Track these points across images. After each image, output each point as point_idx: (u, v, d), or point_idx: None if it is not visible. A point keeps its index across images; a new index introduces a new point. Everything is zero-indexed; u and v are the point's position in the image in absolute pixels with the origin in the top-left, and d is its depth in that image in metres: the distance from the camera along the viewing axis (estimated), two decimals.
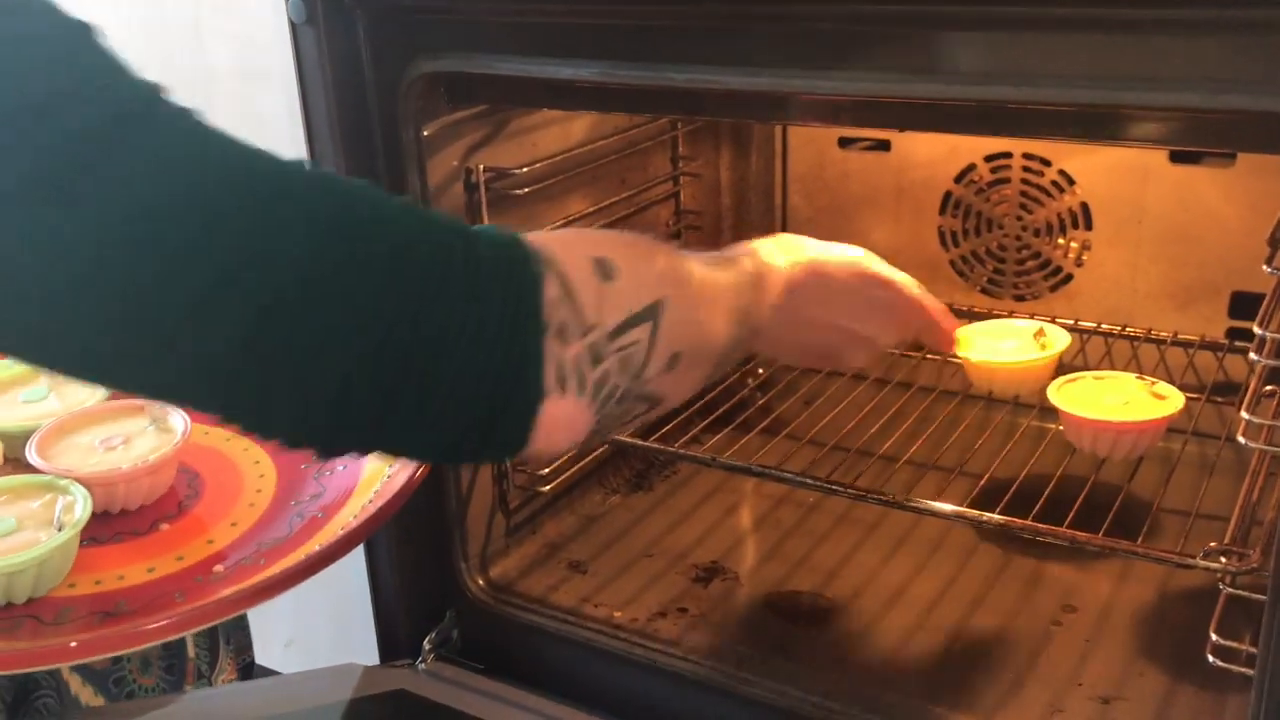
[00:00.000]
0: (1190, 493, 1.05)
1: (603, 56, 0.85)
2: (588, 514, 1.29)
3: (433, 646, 1.13)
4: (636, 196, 1.33)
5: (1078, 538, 0.93)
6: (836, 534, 1.22)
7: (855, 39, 0.76)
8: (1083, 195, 1.29)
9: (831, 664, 1.03)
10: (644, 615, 1.11)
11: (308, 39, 0.95)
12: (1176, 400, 1.02)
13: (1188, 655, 0.98)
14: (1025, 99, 0.72)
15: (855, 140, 1.40)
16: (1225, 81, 0.66)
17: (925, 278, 1.39)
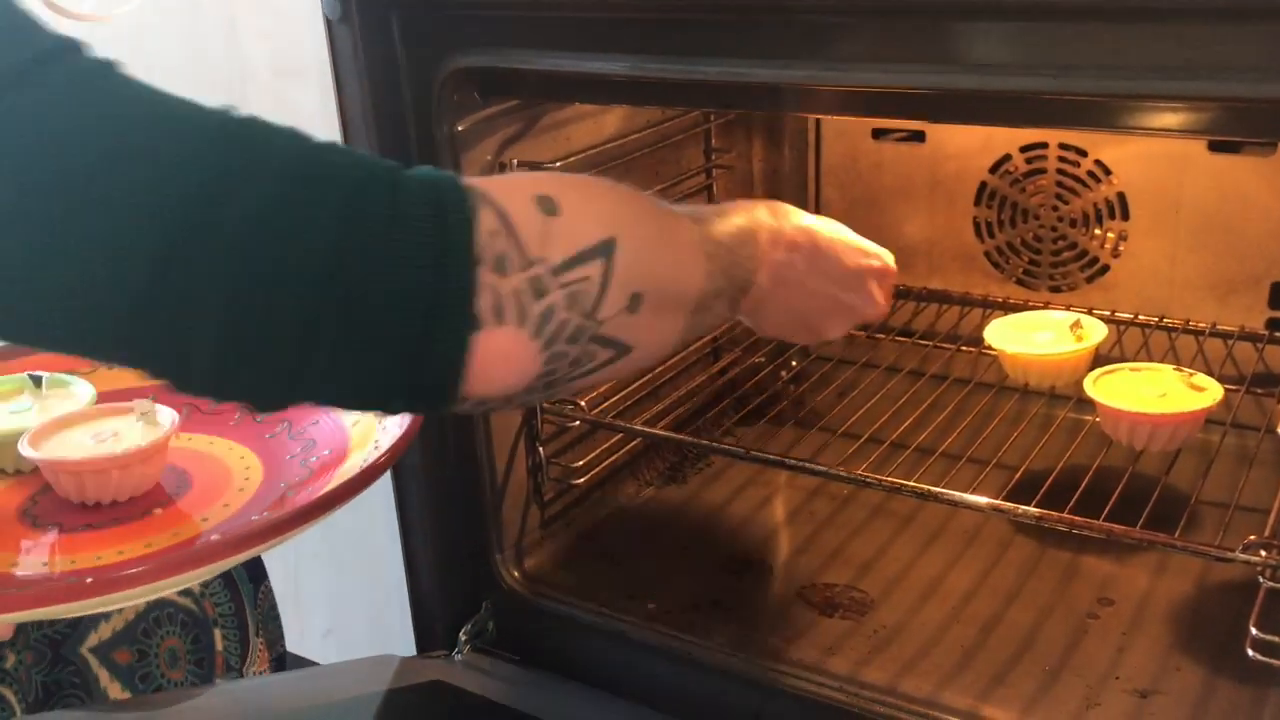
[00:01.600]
0: (1229, 485, 1.04)
1: (634, 50, 0.86)
2: (621, 506, 1.30)
3: (469, 638, 1.14)
4: (670, 189, 1.33)
5: (1115, 531, 0.92)
6: (871, 527, 1.22)
7: (888, 31, 0.76)
8: (1119, 185, 1.27)
9: (866, 656, 1.02)
10: (678, 607, 1.11)
11: (342, 36, 0.96)
12: (1215, 392, 1.01)
13: (1226, 649, 0.98)
14: (1062, 90, 0.72)
15: (889, 131, 1.40)
16: (1267, 70, 0.65)
17: (960, 269, 1.40)
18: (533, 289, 0.58)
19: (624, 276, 0.62)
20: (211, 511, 0.90)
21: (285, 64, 1.07)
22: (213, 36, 1.11)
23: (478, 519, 1.12)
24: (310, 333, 0.54)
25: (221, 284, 0.52)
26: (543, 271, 0.58)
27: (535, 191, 0.60)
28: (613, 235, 0.61)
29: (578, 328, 0.60)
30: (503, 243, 0.57)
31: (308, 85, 1.03)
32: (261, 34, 1.08)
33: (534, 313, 0.58)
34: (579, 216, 0.61)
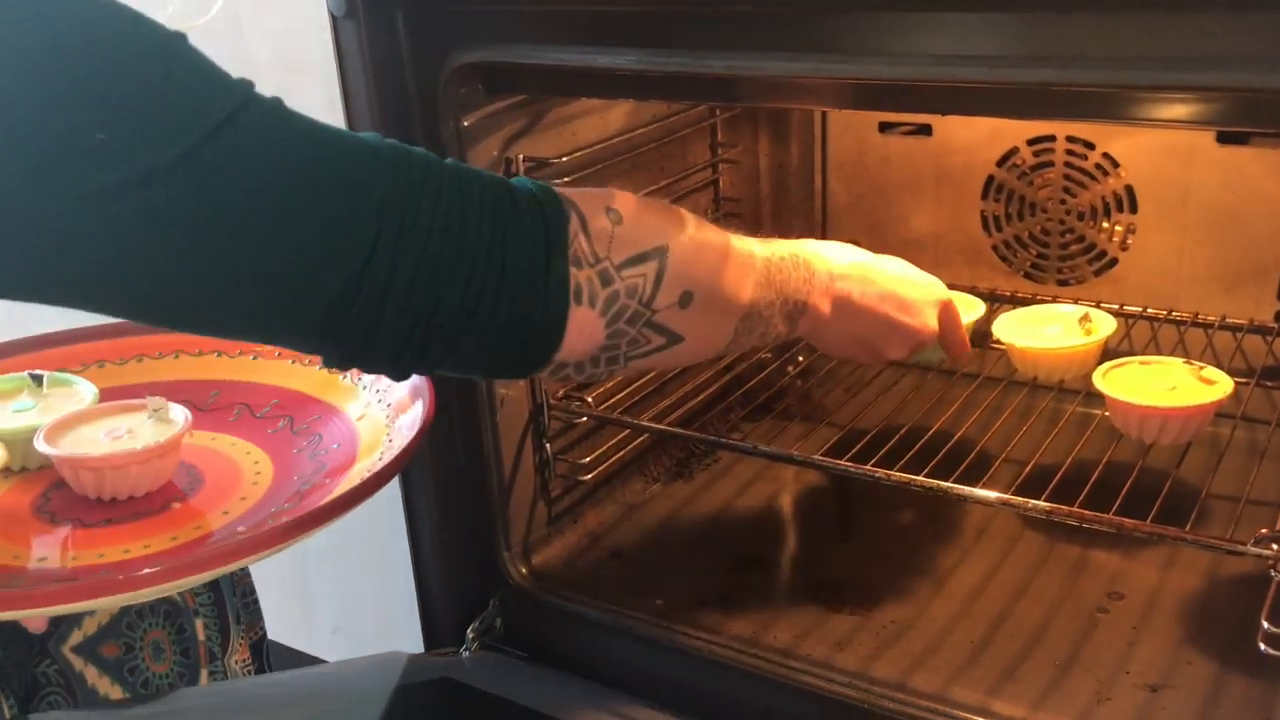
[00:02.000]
0: (1240, 478, 1.03)
1: (640, 44, 0.85)
2: (629, 503, 1.29)
3: (476, 634, 1.14)
4: (676, 184, 1.32)
5: (1125, 524, 0.92)
6: (878, 522, 1.21)
7: (893, 23, 0.75)
8: (1127, 178, 1.27)
9: (875, 652, 1.02)
10: (685, 603, 1.11)
11: (348, 32, 0.96)
12: (1225, 385, 1.01)
13: (1237, 643, 0.97)
14: (1069, 81, 0.71)
15: (896, 125, 1.39)
16: (1276, 60, 0.65)
17: (967, 263, 1.39)
18: (601, 279, 0.72)
19: (675, 276, 0.76)
20: (230, 505, 0.90)
21: (290, 60, 1.07)
22: (219, 32, 1.11)
23: (485, 516, 1.12)
24: (470, 312, 0.68)
25: (411, 275, 0.65)
26: (608, 267, 0.73)
27: (606, 204, 0.74)
28: (665, 243, 0.76)
29: (635, 312, 0.74)
30: (581, 243, 0.72)
31: (313, 82, 1.03)
32: (267, 30, 1.08)
33: (603, 295, 0.73)
34: (638, 226, 0.75)
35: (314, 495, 0.88)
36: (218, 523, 0.87)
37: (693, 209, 1.37)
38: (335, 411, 0.99)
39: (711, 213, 1.41)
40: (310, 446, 0.96)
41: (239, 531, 0.85)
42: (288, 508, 0.87)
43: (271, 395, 1.02)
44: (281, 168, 0.61)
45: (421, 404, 0.91)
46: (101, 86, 0.56)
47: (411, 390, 0.94)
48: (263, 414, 1.01)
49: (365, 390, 0.99)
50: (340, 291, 0.64)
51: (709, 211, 1.41)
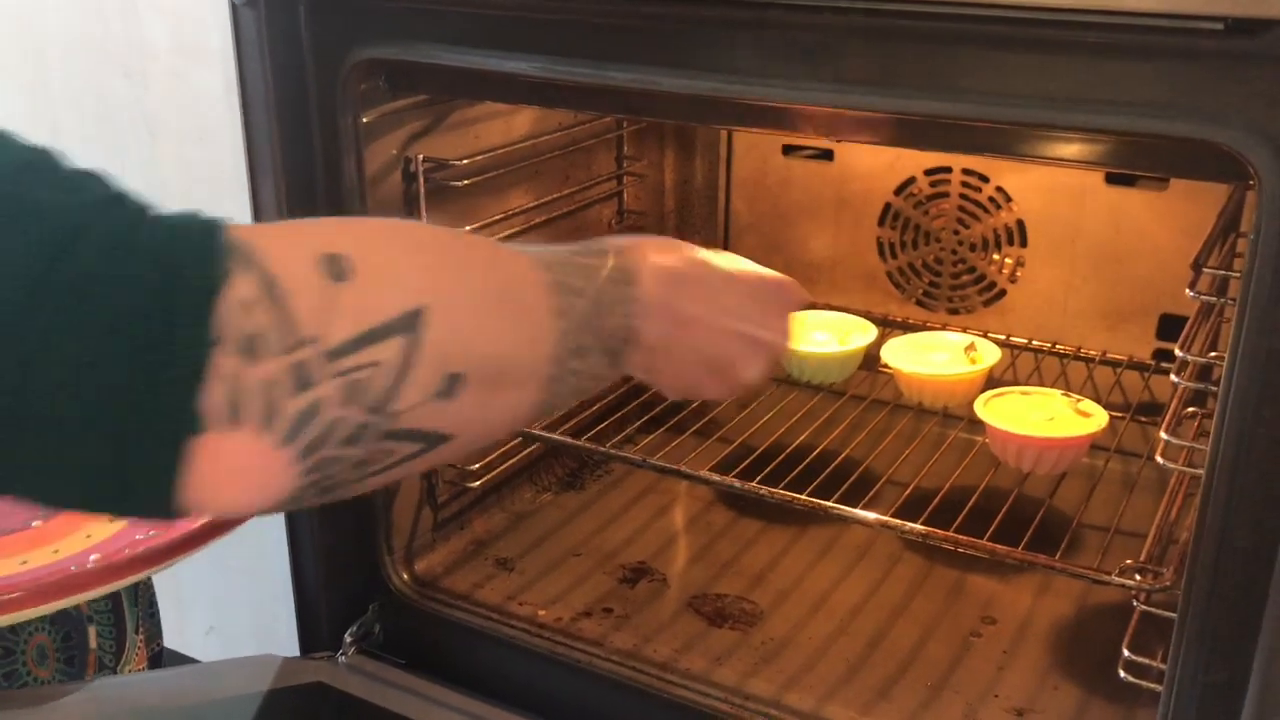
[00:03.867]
0: (1111, 509, 1.06)
1: (545, 51, 0.85)
2: (518, 511, 1.28)
3: (354, 639, 1.12)
4: (579, 194, 1.32)
5: (997, 550, 0.94)
6: (765, 538, 1.23)
7: (792, 48, 0.76)
8: (1019, 212, 1.30)
9: (753, 668, 1.03)
10: (569, 615, 1.10)
11: (247, 20, 0.94)
12: (1100, 418, 1.04)
13: (1102, 670, 1.00)
14: (959, 115, 0.73)
15: (799, 149, 1.41)
16: (1158, 107, 0.67)
17: (863, 288, 1.41)
18: (293, 379, 0.45)
19: (436, 355, 0.50)
20: (95, 527, 0.86)
21: (186, 43, 1.04)
22: (112, 13, 1.08)
23: (367, 519, 1.10)
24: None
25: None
26: (313, 355, 0.46)
27: (324, 250, 0.48)
28: (422, 304, 0.49)
29: (359, 426, 0.48)
30: (260, 317, 0.45)
31: (210, 67, 1.01)
32: (162, 12, 1.05)
33: (288, 412, 0.46)
34: (378, 281, 0.48)
35: (180, 524, 0.85)
36: (76, 546, 0.84)
37: (596, 220, 1.38)
38: None
39: (615, 225, 1.41)
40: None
41: (91, 560, 0.82)
42: (151, 535, 0.84)
43: None
44: None
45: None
46: None
47: None
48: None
49: None
50: None
51: (613, 224, 1.41)
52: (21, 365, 0.41)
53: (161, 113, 1.10)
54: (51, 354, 0.41)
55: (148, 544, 0.82)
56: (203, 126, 1.07)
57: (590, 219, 1.36)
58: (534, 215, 1.24)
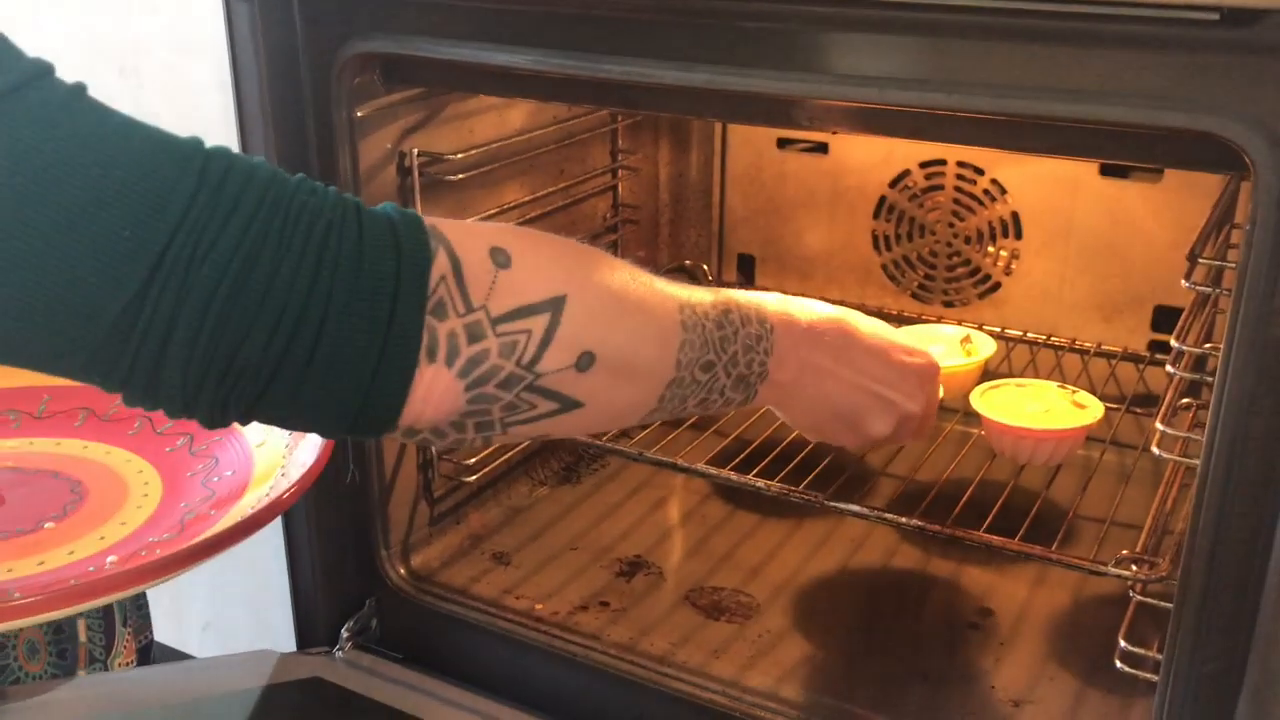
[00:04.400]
0: (1107, 501, 1.07)
1: (539, 44, 0.85)
2: (514, 505, 1.28)
3: (351, 634, 1.12)
4: (574, 188, 1.32)
5: (993, 542, 0.94)
6: (761, 531, 1.23)
7: (786, 38, 0.76)
8: (1014, 205, 1.30)
9: (750, 661, 1.03)
10: (566, 608, 1.10)
11: (241, 14, 0.93)
12: (1096, 410, 1.04)
13: (1098, 660, 1.00)
14: (954, 106, 0.73)
15: (793, 142, 1.41)
16: (1150, 97, 0.67)
17: (857, 281, 1.41)
18: (469, 334, 0.60)
19: (572, 333, 0.62)
20: (108, 529, 0.86)
21: (180, 38, 1.04)
22: (105, 4, 1.08)
23: (364, 514, 1.10)
24: (278, 362, 0.56)
25: (201, 312, 0.54)
26: (482, 318, 0.60)
27: (493, 242, 0.62)
28: (563, 293, 0.62)
29: (510, 375, 0.61)
30: (447, 288, 0.59)
31: (203, 63, 1.00)
32: (156, 6, 1.04)
33: (464, 354, 0.60)
34: (530, 272, 0.62)
35: (195, 527, 0.85)
36: (91, 548, 0.84)
37: (590, 214, 1.38)
38: (236, 435, 0.96)
39: (609, 219, 1.41)
40: (205, 471, 0.92)
41: (109, 563, 0.82)
42: (166, 539, 0.84)
43: None
44: (51, 164, 0.51)
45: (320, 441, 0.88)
46: None
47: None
48: (164, 430, 0.97)
49: None
50: (116, 319, 0.53)
51: (607, 217, 1.41)
52: (319, 324, 0.56)
53: (156, 108, 1.10)
54: (329, 317, 0.56)
55: (164, 547, 0.82)
56: (197, 122, 1.07)
57: (585, 213, 1.36)
58: (529, 209, 1.24)
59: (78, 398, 0.97)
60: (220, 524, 0.83)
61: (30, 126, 0.52)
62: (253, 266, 0.55)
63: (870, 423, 0.82)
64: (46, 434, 0.97)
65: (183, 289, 0.54)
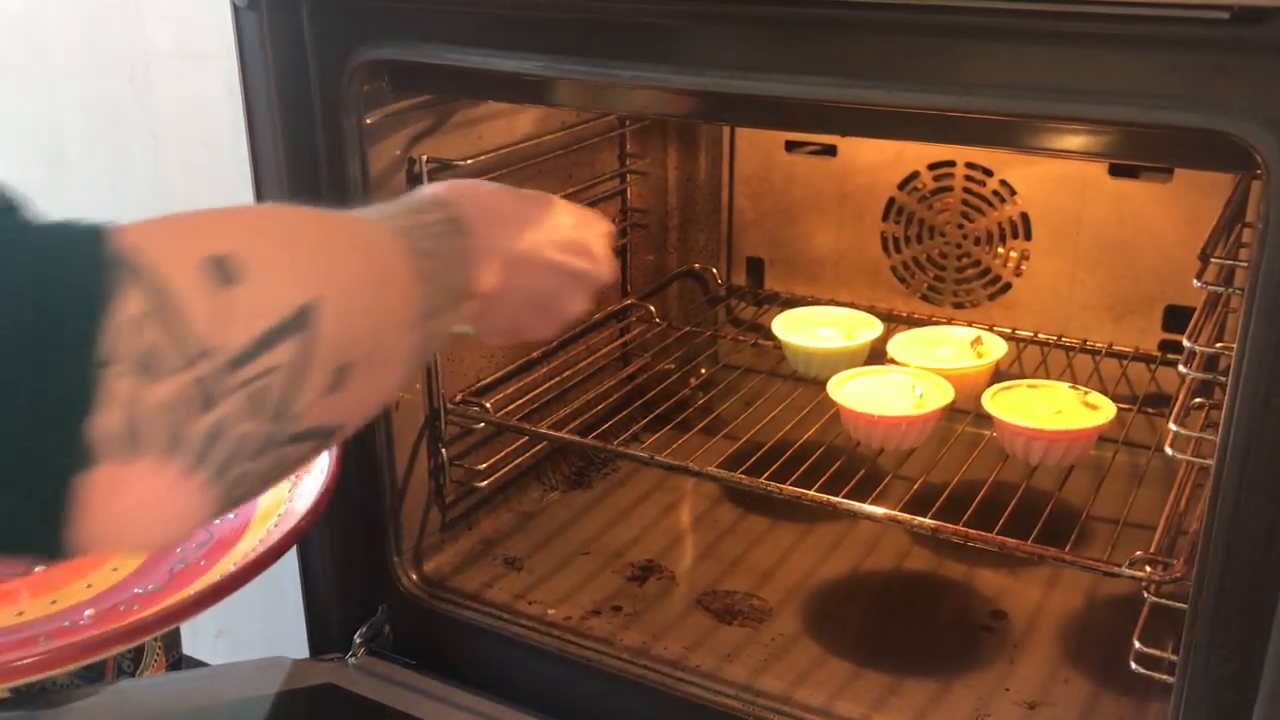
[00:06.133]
0: (1120, 501, 1.06)
1: (547, 50, 0.85)
2: (525, 510, 1.28)
3: (364, 641, 1.12)
4: (583, 193, 1.32)
5: (1007, 544, 0.94)
6: (773, 535, 1.22)
7: (799, 43, 0.76)
8: (1023, 205, 1.30)
9: (763, 664, 1.03)
10: (578, 613, 1.10)
11: (250, 23, 0.94)
12: (1108, 410, 1.04)
13: (1112, 662, 1.00)
14: (965, 108, 0.73)
15: (801, 144, 1.41)
16: (1161, 97, 0.67)
17: (867, 283, 1.41)
18: (196, 398, 0.42)
19: (328, 349, 0.47)
20: (97, 577, 0.85)
21: (190, 47, 1.05)
22: (116, 17, 1.08)
23: (376, 520, 1.10)
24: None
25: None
26: (212, 368, 0.43)
27: (210, 250, 0.44)
28: (311, 298, 0.46)
29: (265, 437, 0.45)
30: (153, 333, 0.41)
31: (213, 70, 1.01)
32: (167, 17, 1.05)
33: (193, 434, 0.42)
34: (267, 279, 0.45)
35: (184, 577, 0.84)
36: (75, 597, 0.82)
37: None
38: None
39: (619, 223, 1.41)
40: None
41: (85, 616, 0.81)
42: (152, 590, 0.83)
43: None
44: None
45: (326, 462, 0.86)
46: None
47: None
48: None
49: None
50: None
51: (615, 221, 1.41)
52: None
53: (165, 116, 1.10)
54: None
55: (149, 600, 0.81)
56: (206, 129, 1.07)
57: None
58: None
59: None
60: (208, 576, 0.82)
61: None
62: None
63: (569, 304, 0.73)
64: None
65: None
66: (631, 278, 1.45)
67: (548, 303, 0.71)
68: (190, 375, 0.42)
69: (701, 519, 1.27)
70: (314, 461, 0.52)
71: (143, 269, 0.41)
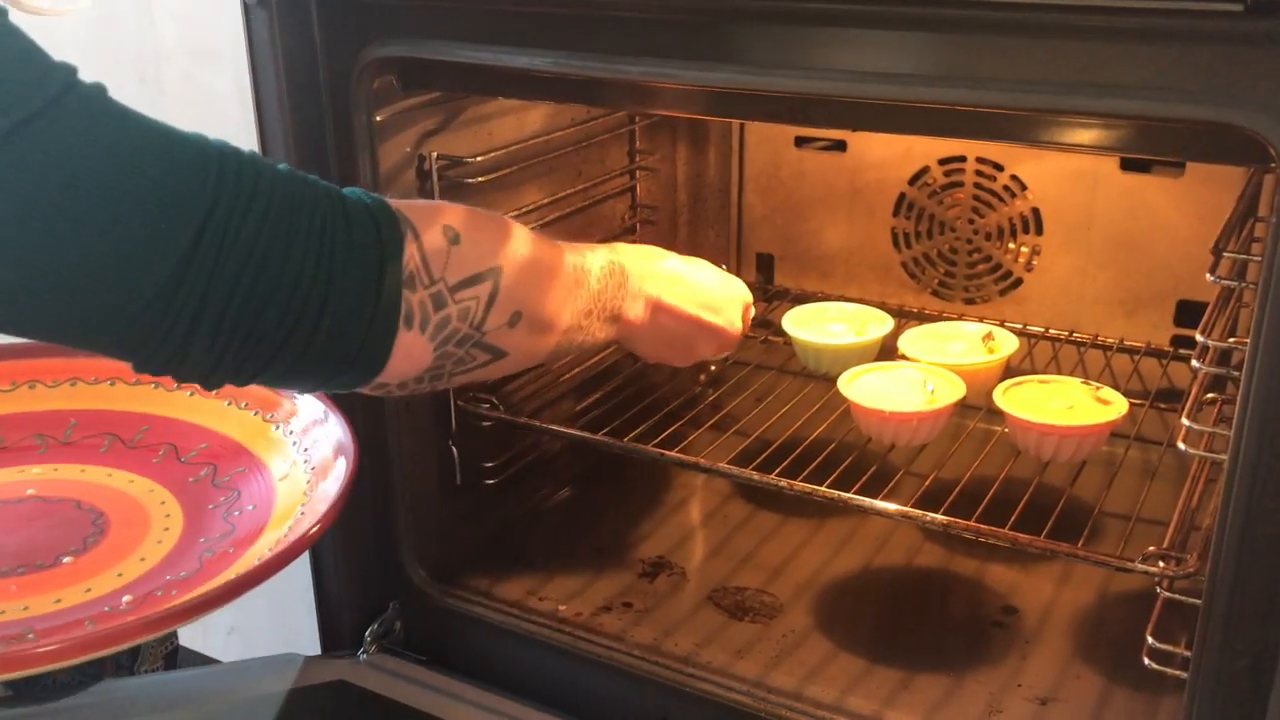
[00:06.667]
0: (1132, 497, 1.06)
1: (557, 46, 0.85)
2: (535, 507, 1.29)
3: (375, 637, 1.12)
4: (592, 189, 1.32)
5: (1019, 539, 0.93)
6: (783, 531, 1.22)
7: (808, 37, 0.76)
8: (1034, 200, 1.30)
9: (774, 660, 1.03)
10: (589, 609, 1.10)
11: (260, 20, 0.94)
12: (1120, 406, 1.03)
13: (1125, 658, 1.00)
14: (976, 102, 0.72)
15: (811, 140, 1.41)
16: (1174, 90, 0.67)
17: (877, 279, 1.41)
18: (435, 302, 0.72)
19: (506, 297, 0.76)
20: (126, 566, 0.86)
21: (200, 46, 1.05)
22: (128, 15, 1.08)
23: (387, 517, 1.10)
24: (289, 331, 0.66)
25: (227, 295, 0.63)
26: (442, 289, 0.72)
27: (445, 222, 0.73)
28: (499, 263, 0.75)
29: (465, 335, 0.74)
30: (417, 264, 0.71)
31: (222, 69, 1.01)
32: (176, 15, 1.05)
33: (434, 320, 0.72)
34: (473, 246, 0.74)
35: (215, 566, 0.85)
36: (108, 585, 0.84)
37: (609, 215, 1.38)
38: (260, 467, 0.95)
39: (628, 219, 1.41)
40: (226, 504, 0.92)
41: (124, 602, 0.82)
42: (184, 577, 0.84)
43: (201, 438, 0.99)
44: (96, 168, 0.58)
45: (344, 467, 0.88)
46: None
47: (336, 447, 0.92)
48: (188, 459, 0.97)
49: (294, 447, 0.96)
50: (151, 301, 0.61)
51: (625, 218, 1.41)
52: (322, 302, 0.66)
53: (176, 115, 1.10)
54: (331, 296, 0.66)
55: (181, 588, 0.82)
56: (217, 128, 1.07)
57: (603, 214, 1.36)
58: (548, 211, 1.24)
59: (104, 422, 0.97)
60: (239, 565, 0.83)
61: (72, 135, 0.58)
62: (269, 254, 0.64)
63: (699, 349, 1.00)
64: (72, 460, 0.97)
65: (213, 275, 0.62)
66: None
67: (682, 344, 0.98)
68: (431, 290, 0.71)
69: (712, 515, 1.27)
70: (486, 374, 0.79)
71: (414, 225, 0.71)
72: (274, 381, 0.71)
